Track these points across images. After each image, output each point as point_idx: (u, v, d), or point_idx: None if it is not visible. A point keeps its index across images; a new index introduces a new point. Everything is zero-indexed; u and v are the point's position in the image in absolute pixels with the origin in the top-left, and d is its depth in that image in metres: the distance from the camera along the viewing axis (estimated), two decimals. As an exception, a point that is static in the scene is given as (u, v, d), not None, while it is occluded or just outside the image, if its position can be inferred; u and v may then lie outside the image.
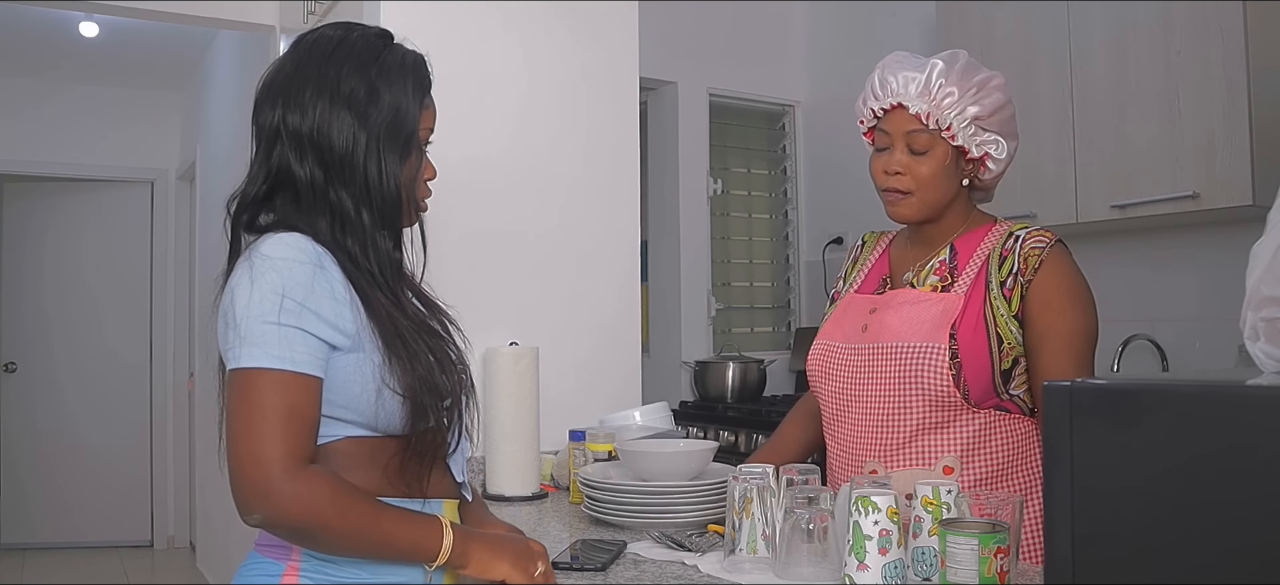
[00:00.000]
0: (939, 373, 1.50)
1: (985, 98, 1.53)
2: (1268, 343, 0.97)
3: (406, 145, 1.27)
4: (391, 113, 1.26)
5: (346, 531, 1.14)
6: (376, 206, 1.24)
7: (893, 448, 1.55)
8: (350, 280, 1.21)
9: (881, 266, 1.72)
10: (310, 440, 1.14)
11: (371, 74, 1.26)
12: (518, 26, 2.51)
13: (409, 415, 1.21)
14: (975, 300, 1.53)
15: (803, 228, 4.36)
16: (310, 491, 1.11)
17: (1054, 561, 0.88)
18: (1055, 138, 2.87)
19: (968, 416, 1.52)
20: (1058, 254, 1.53)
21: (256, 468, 1.10)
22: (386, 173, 1.25)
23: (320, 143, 1.23)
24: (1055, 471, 0.88)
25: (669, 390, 3.98)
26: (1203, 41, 2.52)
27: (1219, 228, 2.73)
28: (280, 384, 1.12)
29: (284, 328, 1.13)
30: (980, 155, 1.56)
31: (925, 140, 1.54)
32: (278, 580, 1.21)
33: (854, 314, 1.67)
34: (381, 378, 1.19)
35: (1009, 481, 1.54)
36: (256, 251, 1.18)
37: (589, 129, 2.61)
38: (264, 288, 1.14)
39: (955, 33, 3.19)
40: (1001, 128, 1.56)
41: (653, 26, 3.31)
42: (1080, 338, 1.52)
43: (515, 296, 2.45)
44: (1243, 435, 0.78)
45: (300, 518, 1.11)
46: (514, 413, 2.09)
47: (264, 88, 1.28)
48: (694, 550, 1.50)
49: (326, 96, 1.23)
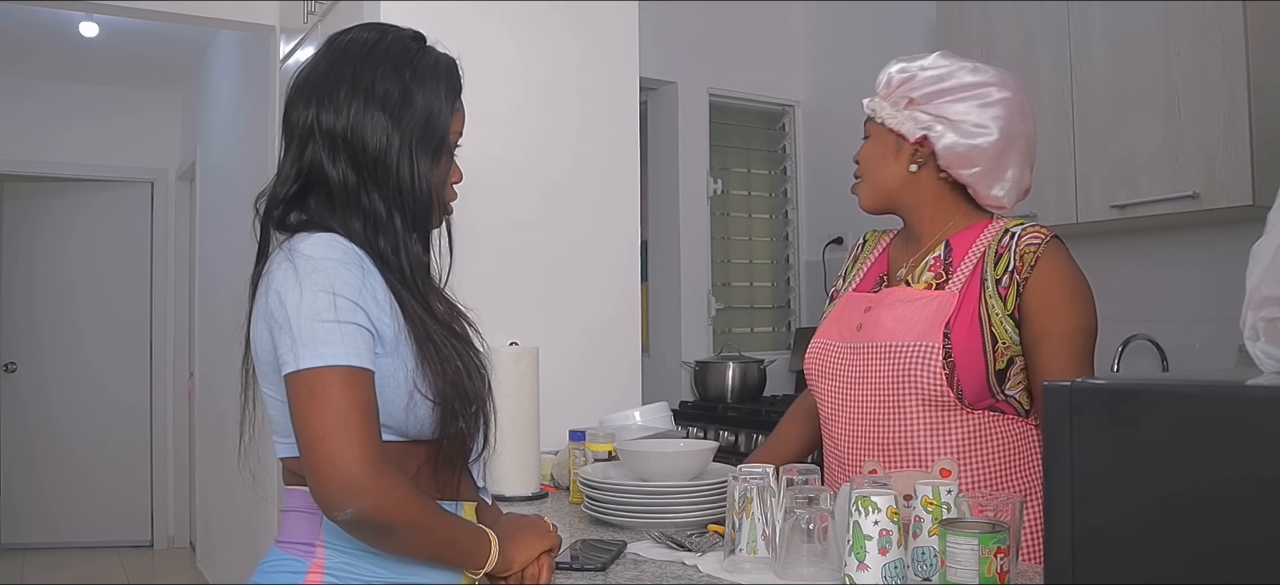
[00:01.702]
0: (933, 372, 1.49)
1: (923, 86, 1.57)
2: (1268, 343, 0.97)
3: (438, 148, 1.28)
4: (424, 115, 1.26)
5: (422, 530, 1.17)
6: (408, 208, 1.25)
7: (888, 448, 1.55)
8: (388, 281, 1.22)
9: (880, 265, 1.72)
10: (380, 433, 1.15)
11: (406, 76, 1.26)
12: (518, 27, 2.52)
13: (439, 420, 1.22)
14: (970, 298, 1.52)
15: (803, 228, 4.36)
16: (396, 486, 1.13)
17: (1054, 561, 0.88)
18: (1055, 138, 2.87)
19: (963, 417, 1.51)
20: (1054, 250, 1.52)
21: (347, 465, 1.10)
22: (419, 175, 1.25)
23: (354, 143, 1.23)
24: (1055, 471, 0.88)
25: (669, 390, 3.98)
26: (1203, 42, 2.52)
27: (1219, 228, 2.73)
28: (350, 380, 1.12)
29: (344, 325, 1.13)
30: (916, 136, 1.57)
31: (870, 128, 1.66)
32: (302, 578, 1.20)
33: (850, 313, 1.67)
34: (413, 382, 1.20)
35: (1007, 484, 1.53)
36: (296, 252, 1.17)
37: (589, 129, 2.61)
38: (314, 287, 1.14)
39: (955, 33, 3.19)
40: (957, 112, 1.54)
41: (653, 26, 3.32)
42: (1079, 335, 1.50)
43: (515, 296, 2.45)
44: (1243, 435, 0.78)
45: (389, 513, 1.12)
46: (514, 413, 2.09)
47: (297, 87, 1.28)
48: (694, 550, 1.49)
49: (361, 97, 1.24)
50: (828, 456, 1.68)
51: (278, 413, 1.21)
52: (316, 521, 1.19)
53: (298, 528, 1.23)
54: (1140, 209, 2.67)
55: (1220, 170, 2.49)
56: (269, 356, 1.19)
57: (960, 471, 1.51)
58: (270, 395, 1.22)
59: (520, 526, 1.35)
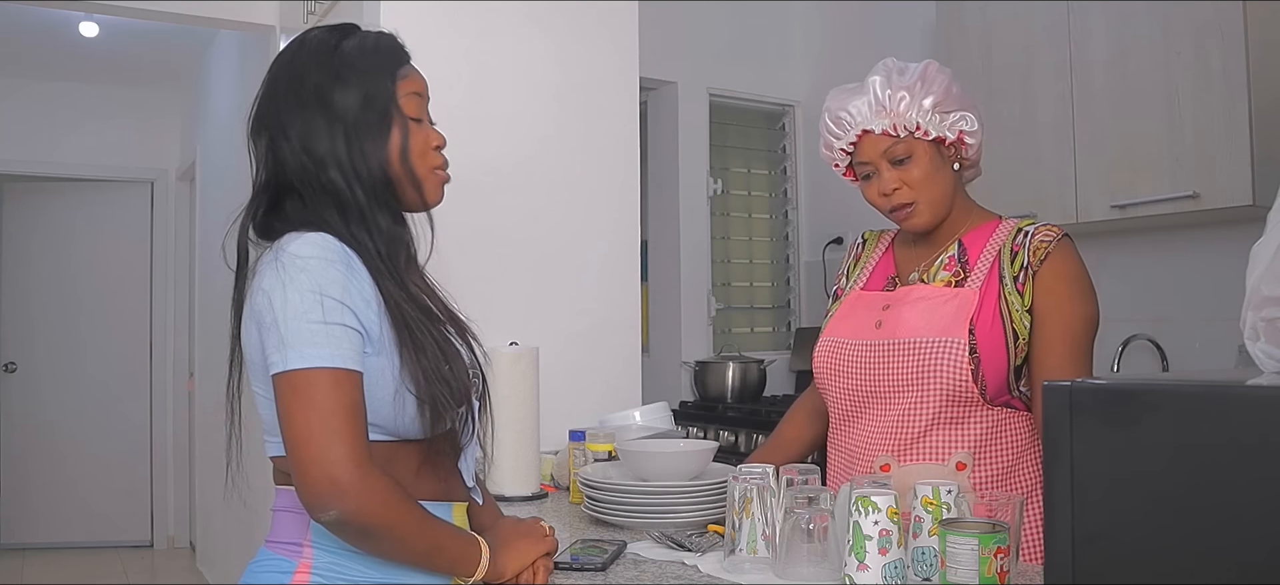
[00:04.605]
0: (959, 367, 1.50)
1: (933, 85, 1.56)
2: (1268, 343, 0.97)
3: (382, 122, 1.27)
4: (359, 97, 1.26)
5: (407, 534, 1.16)
6: (367, 188, 1.25)
7: (907, 443, 1.56)
8: (375, 278, 1.22)
9: (886, 265, 1.73)
10: (367, 435, 1.15)
11: (333, 65, 1.26)
12: (518, 27, 2.51)
13: (427, 417, 1.21)
14: (990, 295, 1.55)
15: (803, 228, 4.36)
16: (381, 488, 1.13)
17: (1054, 561, 0.88)
18: (1055, 138, 2.87)
19: (982, 412, 1.53)
20: (1064, 246, 1.55)
21: (331, 466, 1.10)
22: (367, 155, 1.25)
23: (307, 148, 1.24)
24: (1055, 471, 0.88)
25: (669, 390, 3.98)
26: (1203, 41, 2.52)
27: (1219, 228, 2.73)
28: (335, 382, 1.12)
29: (330, 326, 1.13)
30: (956, 135, 1.58)
31: (903, 148, 1.57)
32: (289, 578, 1.20)
33: (864, 311, 1.67)
34: (398, 378, 1.20)
35: (1017, 477, 1.55)
36: (284, 252, 1.18)
37: (589, 129, 2.61)
38: (300, 288, 1.14)
39: (955, 33, 3.19)
40: (960, 102, 1.59)
41: (653, 26, 3.31)
42: (1079, 322, 1.53)
43: (515, 296, 2.44)
44: (1243, 435, 0.78)
45: (372, 516, 1.12)
46: (514, 413, 2.09)
47: (252, 117, 1.31)
48: (694, 550, 1.49)
49: (296, 103, 1.25)
50: (835, 452, 1.69)
51: (267, 412, 1.21)
52: (304, 522, 1.19)
53: (286, 528, 1.23)
54: (1140, 209, 2.67)
55: (1220, 170, 2.49)
56: (258, 357, 1.19)
57: (976, 466, 1.53)
58: (260, 395, 1.23)
59: (515, 532, 1.35)
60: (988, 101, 3.05)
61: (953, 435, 1.54)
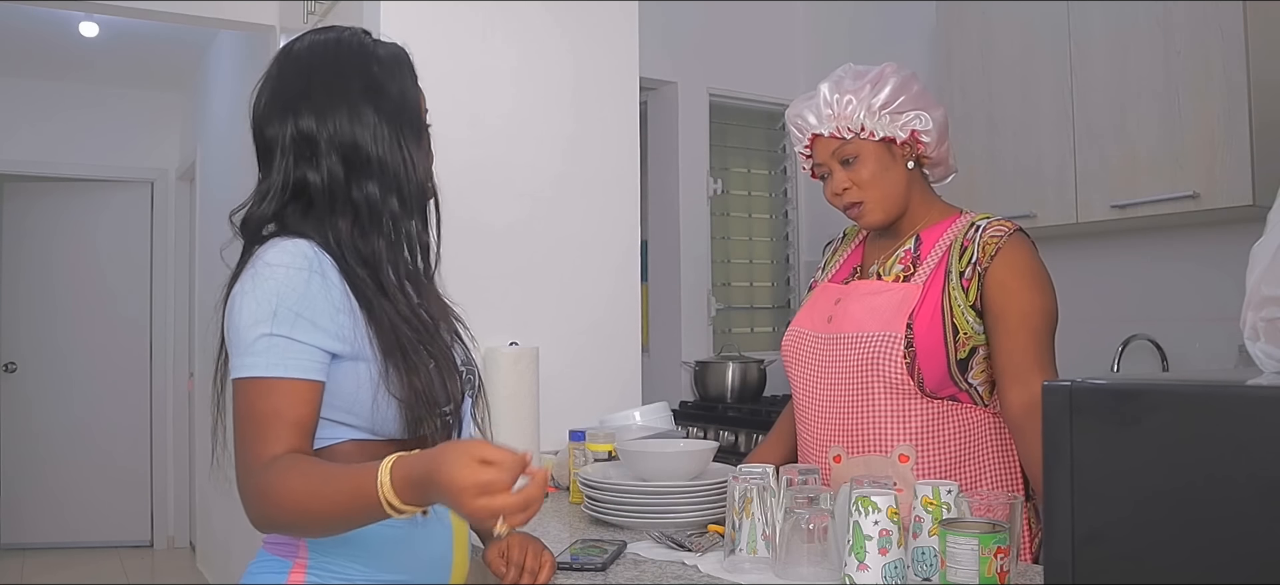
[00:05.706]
0: (894, 361, 1.54)
1: (882, 87, 1.60)
2: (1268, 343, 0.97)
3: (420, 130, 1.29)
4: (401, 101, 1.27)
5: (318, 510, 1.08)
6: (406, 194, 1.25)
7: (854, 434, 1.60)
8: (353, 287, 1.20)
9: (855, 257, 1.78)
10: (295, 441, 1.13)
11: (374, 68, 1.27)
12: (518, 27, 2.51)
13: (407, 421, 1.21)
14: (934, 290, 1.57)
15: (803, 228, 4.36)
16: (274, 488, 1.09)
17: (1054, 561, 0.88)
18: (1055, 138, 2.87)
19: (922, 405, 1.56)
20: (1016, 241, 1.57)
21: (239, 477, 1.13)
22: (412, 160, 1.26)
23: (344, 143, 1.23)
24: (1055, 471, 0.88)
25: (669, 390, 3.98)
26: (1203, 41, 2.52)
27: (1219, 228, 2.73)
28: (265, 391, 1.13)
29: (274, 338, 1.14)
30: (908, 135, 1.62)
31: (851, 149, 1.64)
32: (284, 578, 1.21)
33: (822, 303, 1.73)
34: (379, 385, 1.19)
35: (960, 470, 1.57)
36: (260, 259, 1.18)
37: (589, 129, 2.61)
38: (259, 297, 1.15)
39: (955, 33, 3.19)
40: (915, 102, 1.62)
41: (653, 26, 3.31)
42: (1037, 315, 1.55)
43: (515, 297, 2.44)
44: (1243, 435, 0.78)
45: (277, 517, 1.12)
46: (514, 413, 2.09)
47: (267, 103, 1.27)
48: (694, 550, 1.50)
49: (341, 97, 1.24)
50: (799, 440, 1.74)
51: None
52: None
53: None
54: (1140, 209, 2.67)
55: (1220, 170, 2.49)
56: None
57: (918, 457, 1.56)
58: None
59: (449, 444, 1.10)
60: (988, 101, 3.05)
61: (894, 426, 1.57)
